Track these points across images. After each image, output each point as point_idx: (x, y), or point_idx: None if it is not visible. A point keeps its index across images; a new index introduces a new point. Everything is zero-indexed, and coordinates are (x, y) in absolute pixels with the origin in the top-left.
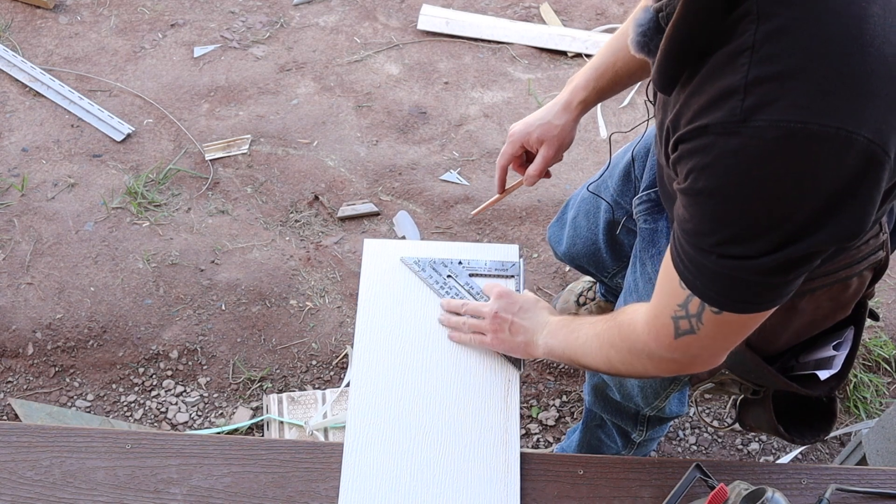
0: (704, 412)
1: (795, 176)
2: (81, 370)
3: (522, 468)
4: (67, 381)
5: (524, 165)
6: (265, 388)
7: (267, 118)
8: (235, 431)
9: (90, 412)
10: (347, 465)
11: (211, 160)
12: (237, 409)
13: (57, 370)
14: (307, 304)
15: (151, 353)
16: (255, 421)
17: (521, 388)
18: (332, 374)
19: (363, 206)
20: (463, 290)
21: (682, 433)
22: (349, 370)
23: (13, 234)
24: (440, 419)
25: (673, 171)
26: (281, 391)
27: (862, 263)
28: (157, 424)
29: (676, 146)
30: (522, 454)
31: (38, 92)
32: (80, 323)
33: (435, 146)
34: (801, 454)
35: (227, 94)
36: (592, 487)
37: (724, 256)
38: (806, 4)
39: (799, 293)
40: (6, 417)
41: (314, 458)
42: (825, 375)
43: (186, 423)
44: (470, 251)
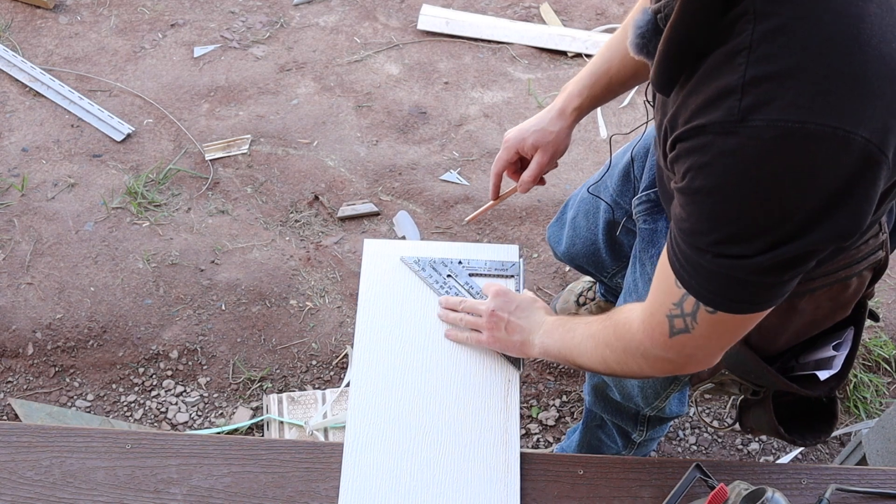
0: (704, 412)
1: (793, 175)
2: (81, 370)
3: (522, 468)
4: (67, 381)
5: (519, 172)
6: (265, 388)
7: (267, 118)
8: (235, 431)
9: (90, 412)
10: (347, 465)
11: (211, 160)
12: (237, 409)
13: (57, 370)
14: (307, 304)
15: (151, 353)
16: (255, 421)
17: (521, 388)
18: (332, 374)
19: (363, 206)
20: (463, 289)
21: (682, 433)
22: (349, 370)
23: (13, 234)
24: (440, 419)
25: (670, 170)
26: (281, 391)
27: (861, 263)
28: (157, 424)
29: (674, 145)
30: (522, 454)
31: (38, 92)
32: (80, 323)
33: (435, 146)
34: (801, 454)
35: (227, 94)
36: (592, 487)
37: (720, 256)
38: (803, 4)
39: (799, 293)
40: (6, 417)
41: (314, 458)
42: (825, 376)
43: (186, 423)
44: (470, 251)
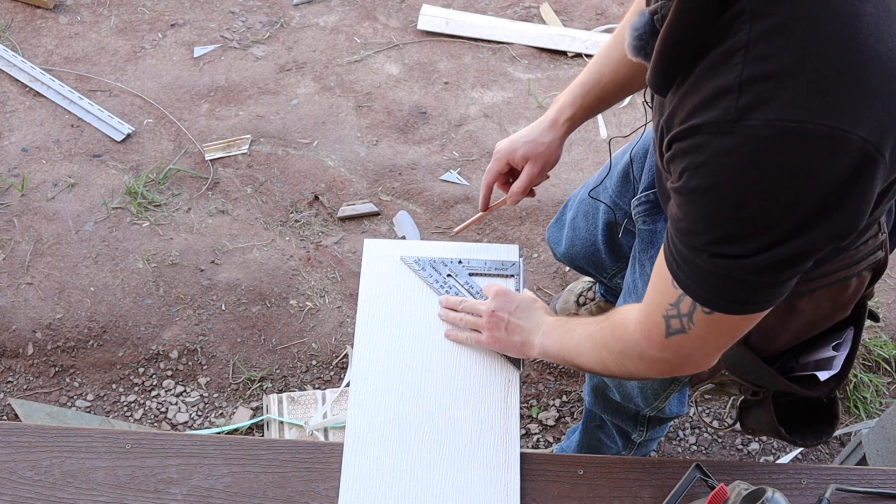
0: (704, 412)
1: (790, 175)
2: (81, 370)
3: (522, 468)
4: (67, 381)
5: (509, 183)
6: (265, 388)
7: (267, 118)
8: (235, 431)
9: (90, 412)
10: (347, 465)
11: (211, 160)
12: (237, 409)
13: (57, 370)
14: (307, 304)
15: (151, 353)
16: (255, 421)
17: (521, 388)
18: (332, 374)
19: (363, 206)
20: (463, 289)
21: (682, 433)
22: (349, 370)
23: (13, 234)
24: (440, 419)
25: (667, 169)
26: (281, 391)
27: (861, 264)
28: (157, 424)
29: (670, 145)
30: (522, 454)
31: (38, 92)
32: (80, 323)
33: (435, 146)
34: (801, 454)
35: (227, 94)
36: (592, 487)
37: (716, 255)
38: (801, 3)
39: (798, 294)
40: (6, 417)
41: (314, 458)
42: (825, 376)
43: (186, 423)
44: (470, 251)
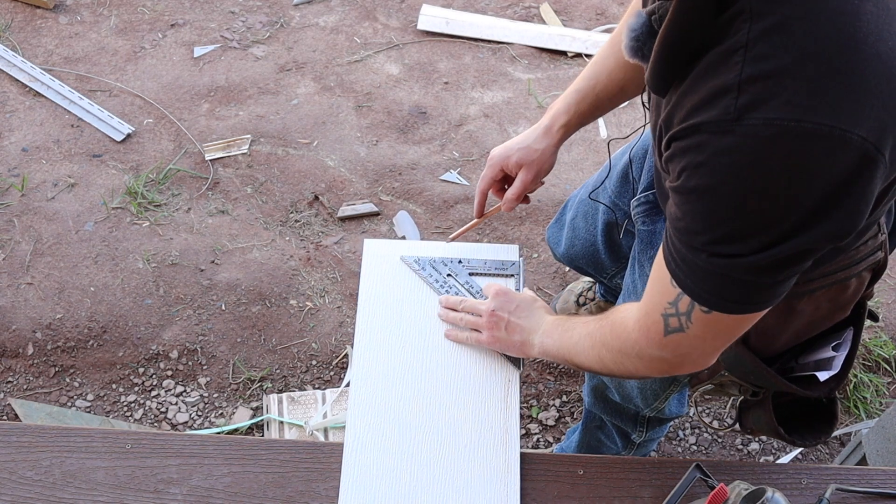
0: (704, 413)
1: (789, 174)
2: (81, 370)
3: (522, 468)
4: (67, 381)
5: (503, 190)
6: (265, 388)
7: (267, 118)
8: (235, 431)
9: (90, 412)
10: (347, 465)
11: (211, 160)
12: (237, 409)
13: (57, 370)
14: (307, 304)
15: (151, 353)
16: (255, 421)
17: (521, 388)
18: (332, 374)
19: (363, 206)
20: (463, 288)
21: (682, 433)
22: (349, 370)
23: (13, 234)
24: (440, 419)
25: (665, 169)
26: (281, 391)
27: (860, 264)
28: (157, 424)
29: (669, 144)
30: (522, 454)
31: (38, 92)
32: (80, 323)
33: (435, 146)
34: (801, 454)
35: (227, 94)
36: (592, 487)
37: (715, 255)
38: (800, 3)
39: (798, 294)
40: (6, 417)
41: (314, 458)
42: (825, 376)
43: (186, 423)
44: (470, 251)
